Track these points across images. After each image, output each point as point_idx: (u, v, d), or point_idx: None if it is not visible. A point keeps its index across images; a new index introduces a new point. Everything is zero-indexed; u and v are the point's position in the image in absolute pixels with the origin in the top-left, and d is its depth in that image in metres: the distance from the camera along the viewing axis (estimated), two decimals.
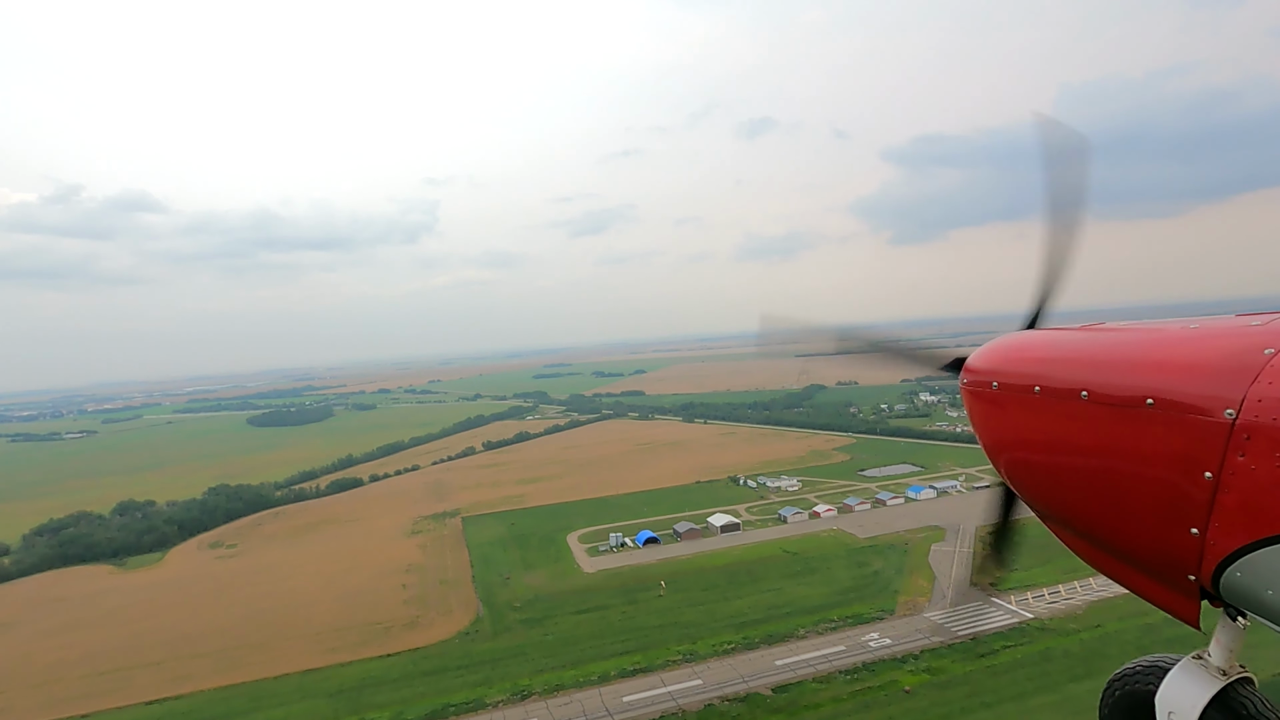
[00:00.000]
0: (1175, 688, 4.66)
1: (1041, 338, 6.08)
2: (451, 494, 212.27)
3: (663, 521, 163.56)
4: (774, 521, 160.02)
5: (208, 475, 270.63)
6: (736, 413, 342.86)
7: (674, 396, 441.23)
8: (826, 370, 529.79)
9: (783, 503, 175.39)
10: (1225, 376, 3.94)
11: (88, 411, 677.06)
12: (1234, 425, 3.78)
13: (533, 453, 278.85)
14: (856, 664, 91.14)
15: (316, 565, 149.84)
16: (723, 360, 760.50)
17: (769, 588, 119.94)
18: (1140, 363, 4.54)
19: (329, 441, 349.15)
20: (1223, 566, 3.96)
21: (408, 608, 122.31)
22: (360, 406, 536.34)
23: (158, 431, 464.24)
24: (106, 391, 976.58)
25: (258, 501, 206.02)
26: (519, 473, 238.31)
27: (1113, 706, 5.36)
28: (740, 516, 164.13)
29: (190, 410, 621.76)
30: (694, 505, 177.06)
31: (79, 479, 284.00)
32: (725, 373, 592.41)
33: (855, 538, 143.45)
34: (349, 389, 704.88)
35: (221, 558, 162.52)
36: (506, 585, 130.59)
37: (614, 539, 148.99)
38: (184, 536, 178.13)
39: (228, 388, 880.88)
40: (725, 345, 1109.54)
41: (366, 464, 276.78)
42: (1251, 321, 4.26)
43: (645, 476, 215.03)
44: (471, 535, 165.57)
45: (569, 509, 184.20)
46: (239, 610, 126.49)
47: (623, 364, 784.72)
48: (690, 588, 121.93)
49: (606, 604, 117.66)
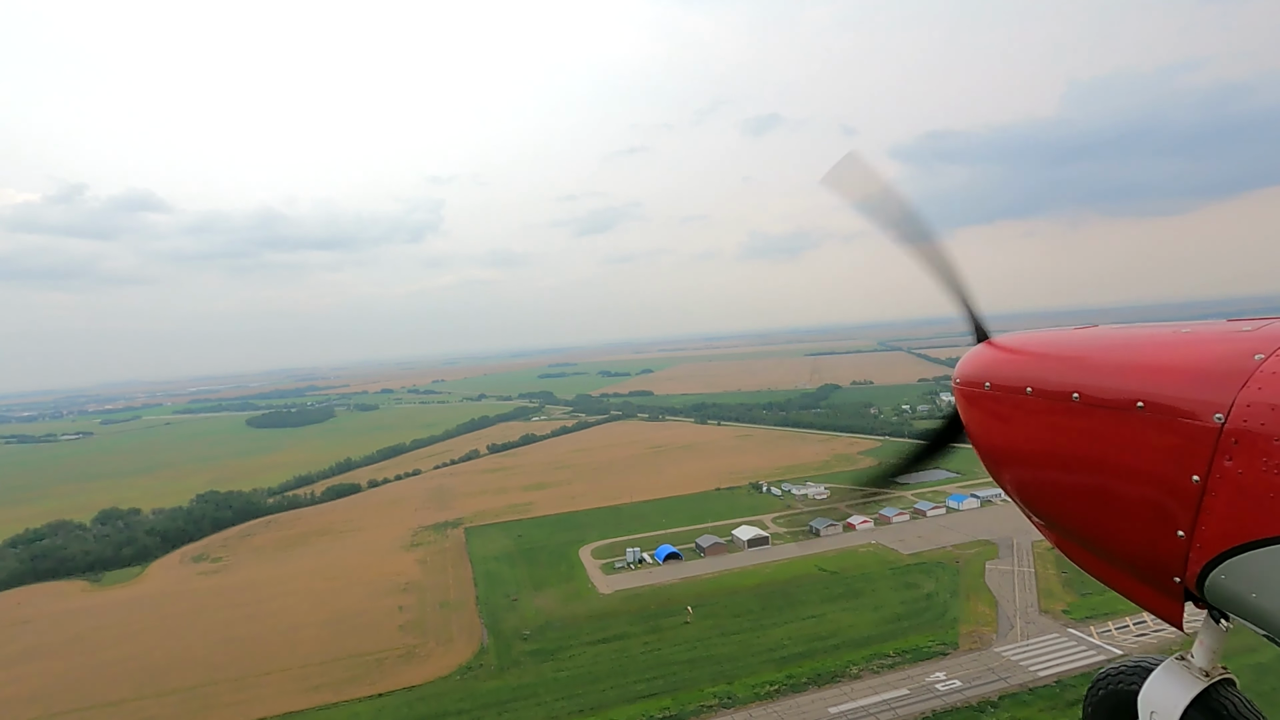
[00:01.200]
0: (1158, 688, 4.61)
1: (1033, 340, 5.95)
2: (454, 501, 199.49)
3: (683, 534, 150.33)
4: (805, 534, 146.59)
5: (200, 480, 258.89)
6: (751, 414, 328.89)
7: (684, 396, 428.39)
8: (838, 369, 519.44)
9: (812, 513, 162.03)
10: (1215, 381, 3.94)
11: (89, 412, 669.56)
12: (1222, 430, 3.79)
13: (540, 456, 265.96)
14: (926, 713, 77.72)
15: (306, 582, 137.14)
16: (731, 359, 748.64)
17: (809, 613, 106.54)
18: (1132, 366, 4.52)
19: (328, 444, 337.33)
20: (1208, 569, 3.95)
21: (404, 635, 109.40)
22: (362, 407, 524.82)
23: (155, 433, 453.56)
24: (111, 392, 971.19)
25: (248, 509, 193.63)
26: (525, 478, 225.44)
27: (1096, 706, 5.26)
28: (767, 528, 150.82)
29: (190, 411, 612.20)
30: (715, 515, 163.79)
31: (68, 483, 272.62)
32: (735, 372, 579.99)
33: (898, 554, 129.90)
34: (352, 389, 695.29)
35: (204, 573, 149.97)
36: (514, 608, 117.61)
37: (631, 554, 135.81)
38: (167, 549, 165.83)
39: (231, 388, 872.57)
40: (732, 344, 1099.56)
41: (365, 468, 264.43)
42: (1242, 327, 4.26)
43: (660, 482, 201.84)
44: (475, 548, 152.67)
45: (580, 519, 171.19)
46: (217, 635, 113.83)
47: (629, 363, 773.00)
48: (720, 613, 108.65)
49: (626, 632, 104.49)
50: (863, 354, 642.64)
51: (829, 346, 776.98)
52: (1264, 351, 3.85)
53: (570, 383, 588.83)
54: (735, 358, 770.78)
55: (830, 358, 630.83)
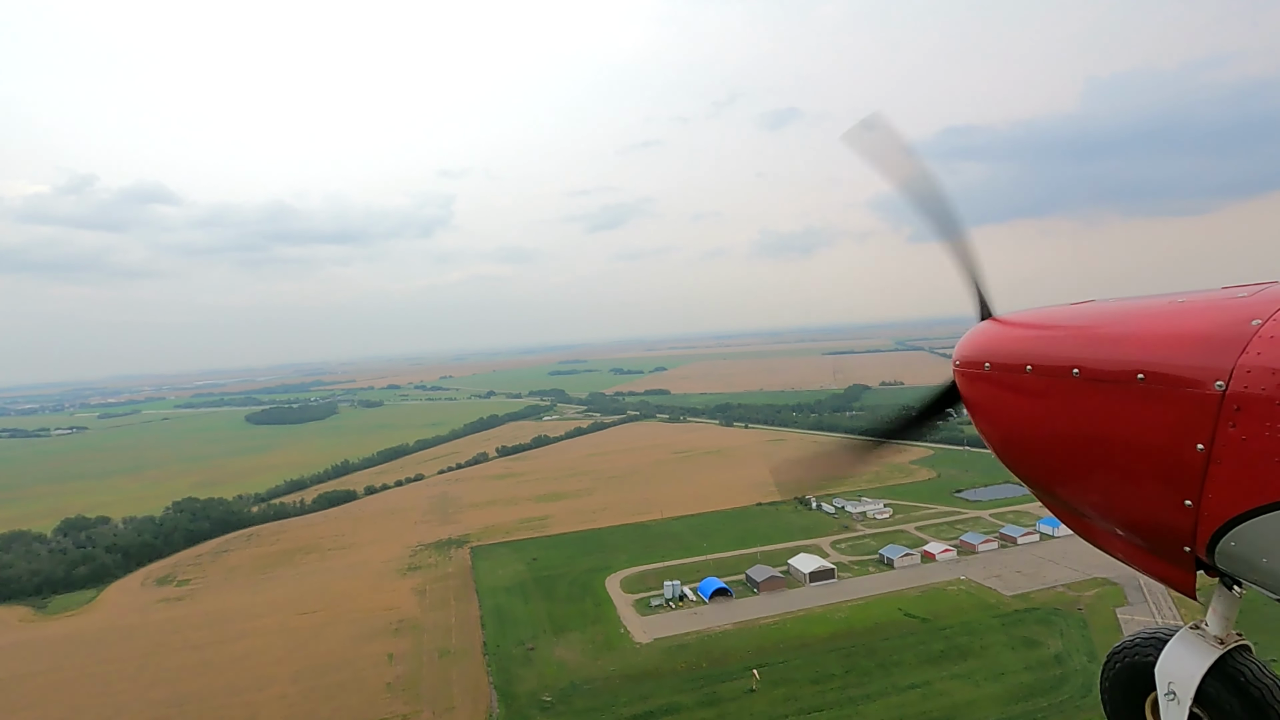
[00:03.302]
0: (1174, 658, 4.61)
1: (1031, 317, 5.91)
2: (459, 514, 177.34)
3: (728, 561, 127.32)
4: (875, 565, 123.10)
5: (185, 483, 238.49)
6: (780, 416, 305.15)
7: (703, 396, 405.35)
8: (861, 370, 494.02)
9: (875, 535, 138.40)
10: (1214, 349, 3.95)
11: (91, 405, 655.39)
12: (1224, 397, 3.81)
13: (553, 460, 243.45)
14: None
15: (280, 617, 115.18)
16: (745, 358, 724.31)
17: (908, 681, 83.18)
18: (1130, 338, 4.53)
19: (327, 443, 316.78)
20: (1217, 537, 3.97)
21: (391, 698, 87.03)
22: (366, 404, 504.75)
23: (150, 429, 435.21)
24: (119, 385, 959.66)
25: (227, 520, 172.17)
26: (539, 486, 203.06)
27: (1113, 679, 5.22)
28: (827, 555, 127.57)
29: (192, 406, 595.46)
30: (760, 537, 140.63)
31: (45, 484, 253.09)
32: (753, 371, 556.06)
33: (998, 594, 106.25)
34: (358, 384, 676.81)
35: (166, 600, 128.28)
36: (530, 660, 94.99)
37: (670, 589, 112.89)
38: (129, 567, 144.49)
39: (238, 382, 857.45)
40: (743, 343, 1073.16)
41: (364, 471, 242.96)
42: (1238, 293, 4.28)
43: (690, 494, 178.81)
44: (483, 575, 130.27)
45: (603, 538, 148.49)
46: (161, 693, 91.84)
47: (641, 361, 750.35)
48: (793, 676, 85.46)
49: (676, 704, 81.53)
50: (882, 354, 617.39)
51: (844, 346, 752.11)
52: (1261, 316, 3.86)
53: (582, 380, 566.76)
54: (750, 356, 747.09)
55: (848, 357, 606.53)
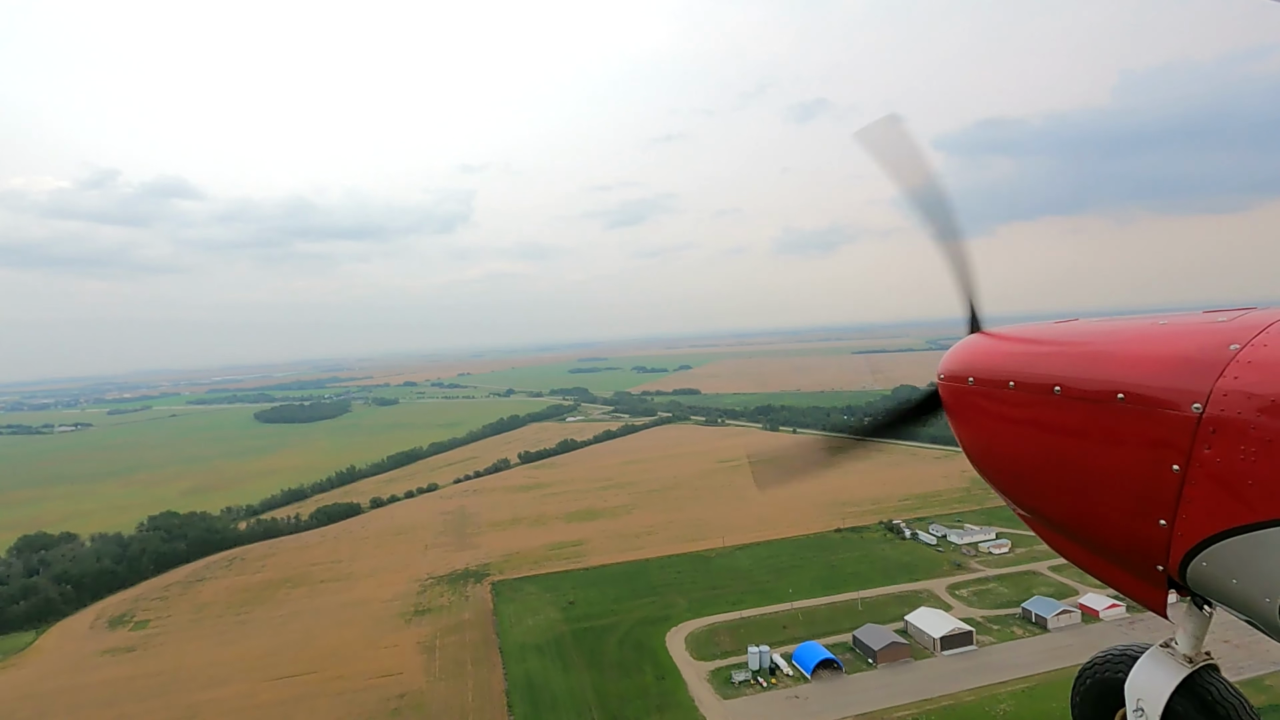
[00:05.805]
0: (1144, 675, 4.68)
1: (1016, 333, 5.99)
2: (478, 535, 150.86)
3: (819, 613, 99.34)
4: (1020, 625, 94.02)
5: (174, 489, 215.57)
6: (829, 419, 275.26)
7: (737, 396, 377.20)
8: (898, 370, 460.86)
9: (1001, 578, 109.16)
10: (1192, 372, 4.05)
11: (105, 400, 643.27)
12: (1200, 419, 3.90)
13: (583, 469, 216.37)
14: None
15: (248, 684, 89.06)
16: (772, 356, 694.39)
17: None
18: (1111, 358, 4.62)
19: (336, 444, 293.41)
20: (1189, 557, 4.05)
21: None
22: (381, 402, 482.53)
23: (157, 426, 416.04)
24: (139, 380, 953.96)
25: (207, 540, 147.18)
26: (569, 500, 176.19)
27: (1084, 695, 5.29)
28: (950, 607, 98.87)
29: (204, 402, 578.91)
30: (853, 577, 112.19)
31: (26, 488, 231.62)
32: (783, 370, 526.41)
33: None
34: (374, 381, 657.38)
35: (113, 652, 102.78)
36: None
37: (758, 657, 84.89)
38: (81, 602, 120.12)
39: (255, 378, 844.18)
40: (767, 341, 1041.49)
41: (371, 479, 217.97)
42: (1218, 318, 4.38)
43: (751, 515, 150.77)
44: (508, 624, 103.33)
45: (653, 574, 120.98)
46: None
47: (663, 359, 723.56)
48: None
49: None
50: (915, 353, 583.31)
51: (873, 345, 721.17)
52: (1239, 341, 3.96)
53: (604, 378, 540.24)
54: (777, 355, 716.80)
55: (880, 357, 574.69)
